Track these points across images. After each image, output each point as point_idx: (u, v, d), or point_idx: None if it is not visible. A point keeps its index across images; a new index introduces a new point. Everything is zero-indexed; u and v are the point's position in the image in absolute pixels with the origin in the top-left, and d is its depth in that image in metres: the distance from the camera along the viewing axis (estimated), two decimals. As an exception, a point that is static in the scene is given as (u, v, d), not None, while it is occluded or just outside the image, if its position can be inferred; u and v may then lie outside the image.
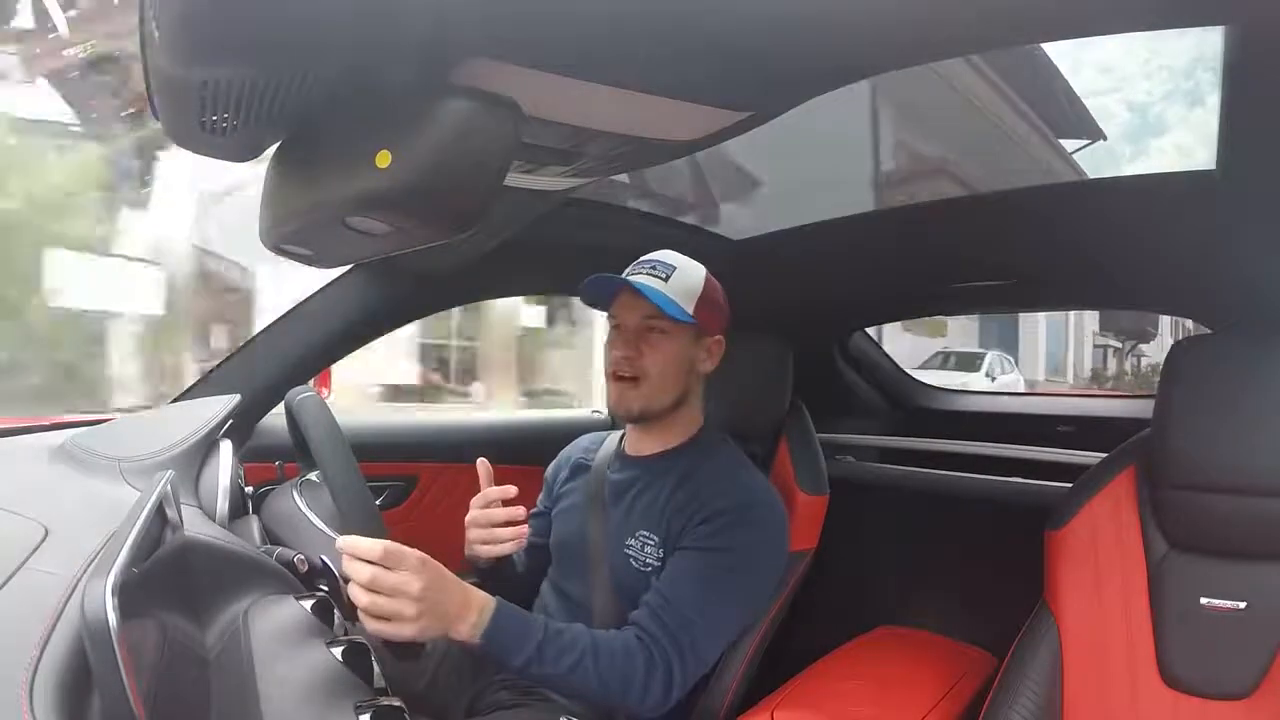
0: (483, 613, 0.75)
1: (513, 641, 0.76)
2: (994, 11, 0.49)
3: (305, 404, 0.77)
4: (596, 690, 0.80)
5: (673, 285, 0.95)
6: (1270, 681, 0.75)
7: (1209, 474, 0.79)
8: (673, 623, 0.84)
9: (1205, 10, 0.50)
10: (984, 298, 1.49)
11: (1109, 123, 4.57)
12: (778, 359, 1.20)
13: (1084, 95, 2.96)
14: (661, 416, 0.99)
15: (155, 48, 0.44)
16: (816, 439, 1.20)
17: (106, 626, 0.36)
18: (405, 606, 0.68)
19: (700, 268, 1.00)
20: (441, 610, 0.71)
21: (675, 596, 0.86)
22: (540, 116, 0.57)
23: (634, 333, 0.96)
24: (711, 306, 0.99)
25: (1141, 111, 5.27)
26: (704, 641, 0.86)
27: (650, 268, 0.97)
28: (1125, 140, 4.72)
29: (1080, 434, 1.40)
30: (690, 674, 0.85)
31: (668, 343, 0.96)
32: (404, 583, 0.68)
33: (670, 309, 0.93)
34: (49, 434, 0.85)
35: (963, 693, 1.00)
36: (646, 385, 0.96)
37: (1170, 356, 0.84)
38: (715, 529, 0.89)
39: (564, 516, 1.06)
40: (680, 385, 0.98)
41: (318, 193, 0.53)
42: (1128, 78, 4.71)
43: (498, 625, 0.76)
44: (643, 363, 0.95)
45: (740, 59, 0.53)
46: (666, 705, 0.84)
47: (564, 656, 0.78)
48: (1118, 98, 4.76)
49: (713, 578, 0.88)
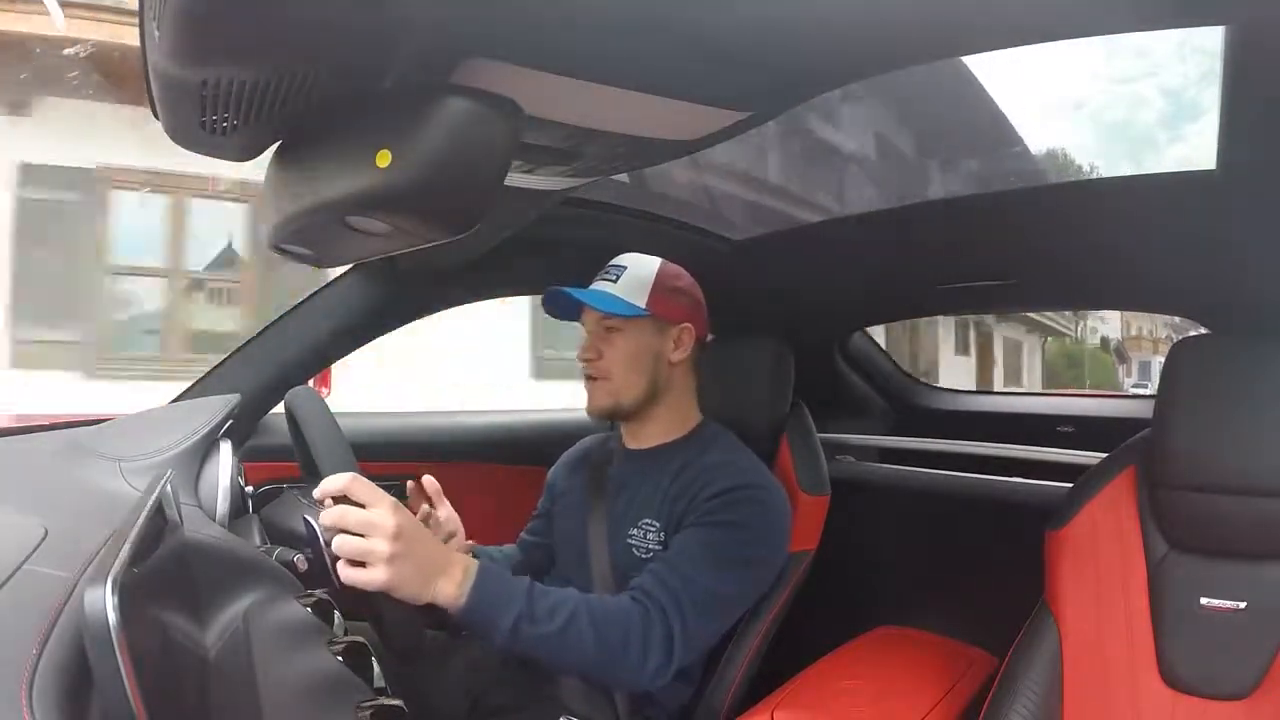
0: (468, 571, 0.73)
1: (500, 600, 0.73)
2: (994, 12, 0.49)
3: (305, 404, 0.77)
4: (594, 653, 0.76)
5: (621, 284, 0.99)
6: (1270, 681, 0.75)
7: (1209, 474, 0.79)
8: (672, 580, 0.83)
9: (1205, 10, 0.51)
10: (984, 298, 1.49)
11: (1144, 109, 4.45)
12: (778, 359, 1.20)
13: (1119, 81, 2.86)
14: (640, 410, 1.01)
15: (155, 48, 0.44)
16: (818, 439, 1.20)
17: (106, 626, 0.36)
18: (377, 544, 0.66)
19: (654, 260, 1.02)
20: (420, 561, 0.69)
21: (676, 559, 0.86)
22: (540, 116, 0.57)
23: (594, 335, 1.01)
24: (669, 294, 1.00)
25: (1176, 97, 5.02)
26: (705, 604, 0.84)
27: (605, 273, 1.02)
28: (1162, 127, 4.62)
29: (1080, 434, 1.40)
30: (692, 636, 0.82)
31: (623, 338, 0.99)
32: (375, 517, 0.66)
33: (613, 306, 0.97)
34: (49, 434, 0.85)
35: (963, 693, 1.00)
36: (610, 382, 0.99)
37: (1170, 356, 0.83)
38: (719, 505, 0.90)
39: (566, 513, 1.07)
40: (647, 377, 1.00)
41: (318, 193, 0.53)
42: (1162, 62, 4.59)
43: (484, 583, 0.73)
44: (603, 363, 0.99)
45: (740, 59, 0.53)
46: (668, 671, 0.81)
47: (556, 614, 0.75)
48: (1153, 83, 4.55)
49: (716, 545, 0.87)
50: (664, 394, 1.02)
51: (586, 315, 1.02)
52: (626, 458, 1.05)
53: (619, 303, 0.98)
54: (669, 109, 0.59)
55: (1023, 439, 1.40)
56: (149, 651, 0.47)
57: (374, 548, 0.66)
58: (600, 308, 0.98)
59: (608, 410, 1.01)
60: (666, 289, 1.00)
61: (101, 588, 0.37)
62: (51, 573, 0.48)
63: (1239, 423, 0.78)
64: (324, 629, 0.62)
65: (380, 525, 0.66)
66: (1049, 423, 1.49)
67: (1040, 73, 1.16)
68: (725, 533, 0.88)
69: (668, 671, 0.81)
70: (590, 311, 1.01)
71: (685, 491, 0.93)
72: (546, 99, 0.55)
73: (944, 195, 1.11)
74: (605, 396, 1.00)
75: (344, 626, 0.68)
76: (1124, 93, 3.35)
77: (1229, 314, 1.12)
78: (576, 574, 1.01)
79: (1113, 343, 9.55)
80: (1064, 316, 8.98)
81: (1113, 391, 8.96)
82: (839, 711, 0.92)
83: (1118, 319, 8.90)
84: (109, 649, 0.36)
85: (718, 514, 0.89)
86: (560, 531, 1.07)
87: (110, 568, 0.38)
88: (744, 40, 0.51)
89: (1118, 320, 8.99)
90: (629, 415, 1.02)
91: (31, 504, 0.60)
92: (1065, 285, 1.36)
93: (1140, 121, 3.41)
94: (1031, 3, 0.48)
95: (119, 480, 0.73)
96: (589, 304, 0.98)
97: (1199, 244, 0.98)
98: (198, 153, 0.59)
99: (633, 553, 0.95)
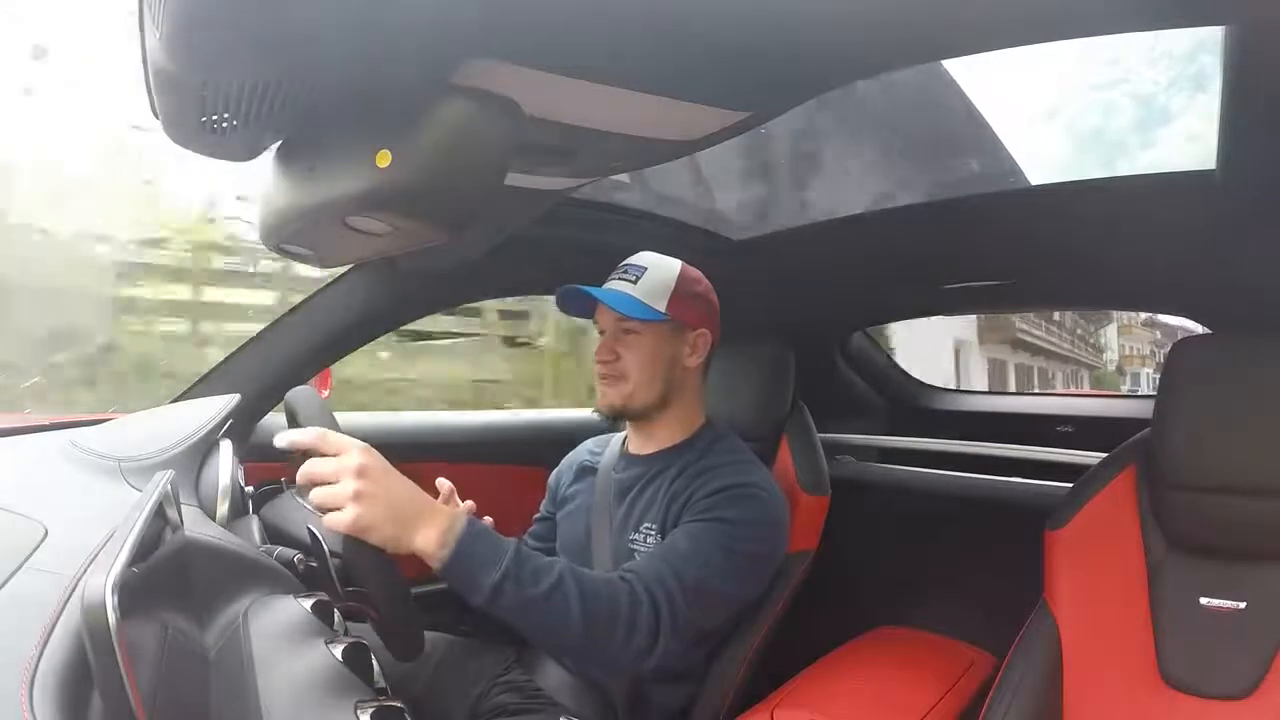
0: (453, 524, 0.70)
1: (486, 557, 0.71)
2: (994, 11, 0.49)
3: (305, 404, 0.77)
4: (579, 626, 0.73)
5: (642, 286, 0.98)
6: (1270, 681, 0.75)
7: (1209, 474, 0.79)
8: (663, 568, 0.82)
9: (1205, 10, 0.51)
10: (984, 298, 1.49)
11: (1118, 117, 4.50)
12: (778, 359, 1.20)
13: (1095, 89, 2.83)
14: (650, 414, 1.00)
15: (155, 48, 0.44)
16: (818, 439, 1.20)
17: (106, 625, 0.36)
18: (344, 484, 0.64)
19: (674, 263, 1.01)
20: (394, 502, 0.66)
21: (669, 550, 0.86)
22: (540, 116, 0.57)
23: (611, 336, 0.99)
24: (689, 300, 0.99)
25: (1147, 103, 5.11)
26: (697, 597, 0.82)
27: (623, 273, 1.00)
28: (1134, 131, 4.72)
29: (1080, 434, 1.41)
30: (680, 623, 0.80)
31: (642, 342, 0.98)
32: (341, 459, 0.65)
33: (635, 310, 0.96)
34: (49, 434, 0.85)
35: (963, 693, 1.00)
36: (626, 384, 0.98)
37: (1170, 356, 0.83)
38: (713, 503, 0.90)
39: (570, 518, 1.07)
40: (662, 381, 0.99)
41: (318, 193, 0.53)
42: (1133, 68, 4.68)
43: (470, 537, 0.70)
44: (620, 364, 0.98)
45: (740, 59, 0.54)
46: (651, 656, 0.79)
47: (541, 578, 0.73)
48: (1125, 90, 4.67)
49: (711, 540, 0.87)
50: (675, 397, 1.01)
51: (603, 315, 1.01)
52: (631, 463, 1.04)
53: (639, 306, 0.96)
54: (669, 109, 0.59)
55: (1023, 439, 1.41)
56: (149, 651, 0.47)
57: (341, 490, 0.64)
58: (620, 310, 0.96)
59: (618, 409, 1.00)
60: (686, 294, 0.99)
61: (101, 587, 0.37)
62: (51, 573, 0.48)
63: (1239, 422, 0.78)
64: (324, 629, 0.62)
65: (344, 466, 0.65)
66: (1049, 423, 1.49)
67: (1014, 80, 1.16)
68: (719, 527, 0.88)
69: (650, 656, 0.79)
70: (607, 313, 0.99)
71: (683, 491, 0.93)
72: (546, 99, 0.55)
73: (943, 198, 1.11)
74: (617, 396, 0.99)
75: (344, 626, 0.68)
76: (1098, 100, 3.32)
77: (1229, 314, 1.12)
78: None
79: (1116, 363, 12.00)
80: (1089, 348, 11.45)
81: (1112, 391, 9.27)
82: (839, 711, 0.92)
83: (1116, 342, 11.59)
84: (109, 648, 0.36)
85: (713, 510, 0.89)
86: (565, 536, 1.07)
87: (110, 568, 0.38)
88: (744, 40, 0.51)
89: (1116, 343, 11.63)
90: (638, 416, 1.01)
91: (31, 504, 0.60)
92: (1065, 285, 1.36)
93: (1113, 128, 3.37)
94: (1031, 3, 0.48)
95: (119, 480, 0.73)
96: (609, 306, 0.97)
97: (1199, 244, 0.98)
98: (198, 153, 0.59)
99: (634, 557, 0.95)
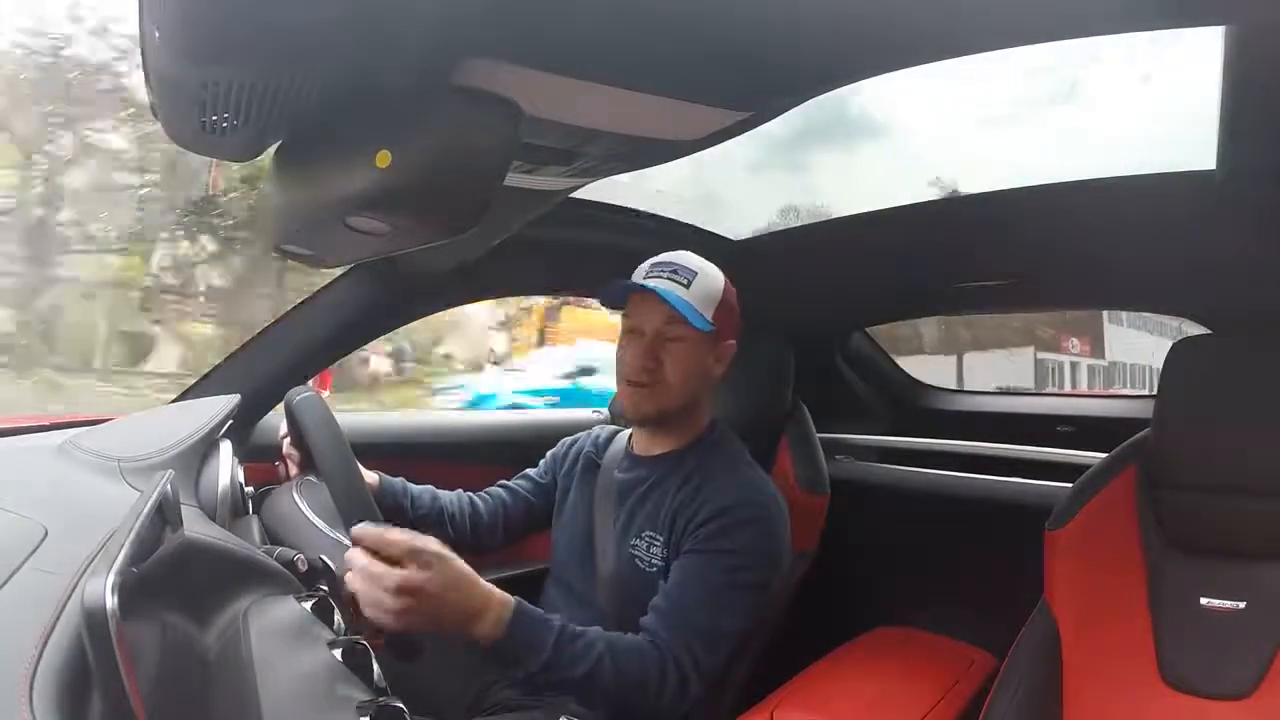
0: (502, 616, 0.74)
1: (532, 644, 0.75)
2: (994, 12, 0.49)
3: (305, 403, 0.78)
4: (614, 690, 0.79)
5: (694, 291, 0.94)
6: (1270, 681, 0.75)
7: (1209, 474, 0.79)
8: (683, 628, 0.84)
9: (1205, 10, 0.51)
10: (984, 298, 1.49)
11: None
12: (778, 359, 1.20)
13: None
14: (671, 421, 0.99)
15: (155, 48, 0.44)
16: (817, 439, 1.20)
17: (106, 625, 0.36)
18: (393, 601, 0.67)
19: (720, 274, 0.99)
20: (439, 618, 0.71)
21: (683, 601, 0.86)
22: (540, 116, 0.57)
23: (651, 339, 0.95)
24: (729, 312, 0.98)
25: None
26: (714, 643, 0.86)
27: (672, 272, 0.95)
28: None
29: (1080, 434, 1.40)
30: (704, 672, 0.85)
31: (686, 349, 0.94)
32: (396, 579, 0.68)
33: (694, 318, 0.92)
34: (49, 434, 0.85)
35: (963, 693, 1.00)
36: (663, 391, 0.95)
37: (1170, 356, 0.83)
38: (716, 529, 0.89)
39: (570, 513, 1.06)
40: (695, 390, 0.98)
41: (318, 193, 0.53)
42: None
43: (517, 627, 0.75)
44: (662, 371, 0.94)
45: (740, 59, 0.54)
46: (684, 705, 0.84)
47: (581, 661, 0.77)
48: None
49: (718, 580, 0.87)
50: (695, 405, 1.00)
51: (645, 317, 0.95)
52: (635, 463, 1.04)
53: (697, 314, 0.92)
54: (669, 109, 0.59)
55: (1022, 439, 1.40)
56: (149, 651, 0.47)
57: (390, 604, 0.67)
58: (691, 320, 0.92)
59: (654, 418, 0.97)
60: (728, 305, 0.98)
61: (101, 587, 0.37)
62: (51, 573, 0.48)
63: (1238, 422, 0.78)
64: (324, 629, 0.62)
65: (400, 584, 0.68)
66: (1049, 423, 1.49)
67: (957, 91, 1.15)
68: (723, 560, 0.88)
69: (682, 706, 0.84)
70: (653, 314, 0.94)
71: (685, 508, 0.92)
72: (546, 99, 0.55)
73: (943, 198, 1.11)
74: (653, 404, 0.95)
75: (344, 626, 0.68)
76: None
77: (1229, 314, 1.12)
78: (578, 577, 1.01)
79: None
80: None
81: (1113, 392, 9.26)
82: (839, 711, 0.92)
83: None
84: (109, 648, 0.36)
85: (715, 540, 0.89)
86: (564, 531, 1.06)
87: (110, 567, 0.38)
88: (744, 40, 0.51)
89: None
90: (662, 424, 1.00)
91: (31, 504, 0.60)
92: (1065, 286, 1.36)
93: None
94: (1031, 3, 0.49)
95: (119, 480, 0.73)
96: (680, 312, 0.91)
97: (1199, 244, 0.98)
98: (198, 153, 0.59)
99: (636, 564, 0.95)
